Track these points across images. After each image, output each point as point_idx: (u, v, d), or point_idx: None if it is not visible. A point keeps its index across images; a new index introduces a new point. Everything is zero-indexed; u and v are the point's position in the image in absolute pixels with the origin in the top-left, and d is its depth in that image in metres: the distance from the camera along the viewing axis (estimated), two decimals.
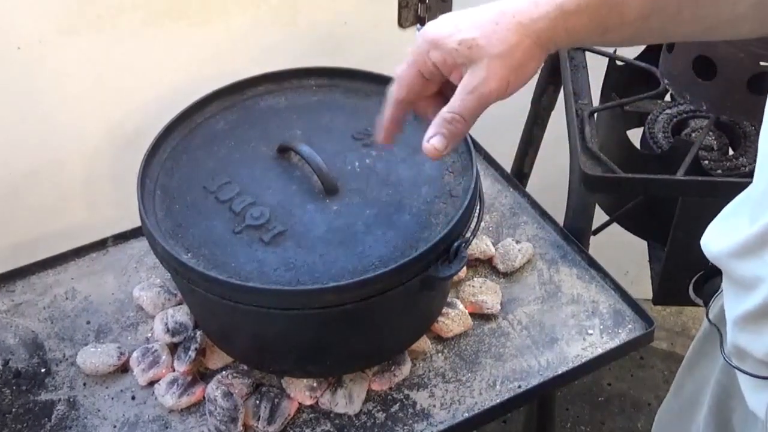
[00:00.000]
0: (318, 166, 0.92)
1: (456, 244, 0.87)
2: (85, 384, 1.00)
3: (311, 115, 1.04)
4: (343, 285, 0.83)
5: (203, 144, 1.01)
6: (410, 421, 0.95)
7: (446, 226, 0.88)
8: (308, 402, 0.97)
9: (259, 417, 0.94)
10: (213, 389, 0.95)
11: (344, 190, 0.93)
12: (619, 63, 1.29)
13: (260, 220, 0.90)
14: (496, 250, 1.12)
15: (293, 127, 1.02)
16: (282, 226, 0.90)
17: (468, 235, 0.90)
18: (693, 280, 1.15)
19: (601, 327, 1.04)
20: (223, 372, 0.98)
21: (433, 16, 1.48)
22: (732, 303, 0.71)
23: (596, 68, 1.27)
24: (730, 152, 1.21)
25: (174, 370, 0.99)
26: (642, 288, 1.28)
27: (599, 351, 1.01)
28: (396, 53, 1.52)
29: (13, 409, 0.97)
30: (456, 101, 0.71)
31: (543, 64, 1.45)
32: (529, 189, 1.25)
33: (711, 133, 1.20)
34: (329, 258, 0.86)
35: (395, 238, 0.88)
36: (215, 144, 1.01)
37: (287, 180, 0.95)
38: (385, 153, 0.98)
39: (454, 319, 1.02)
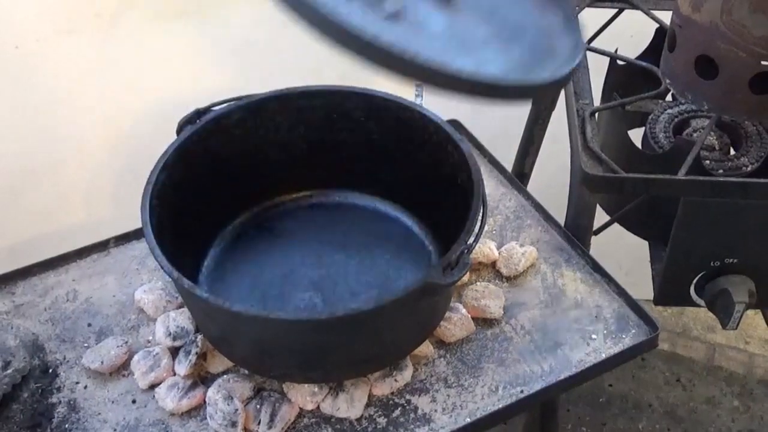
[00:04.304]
0: None
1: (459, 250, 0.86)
2: (86, 387, 1.00)
3: None
4: None
5: None
6: (412, 426, 0.95)
7: None
8: (309, 406, 0.96)
9: (260, 421, 0.94)
10: (214, 393, 0.95)
11: None
12: (620, 63, 1.28)
13: None
14: (499, 253, 1.12)
15: None
16: None
17: (471, 241, 0.89)
18: (695, 281, 1.14)
19: (605, 332, 1.03)
20: (224, 376, 0.98)
21: None
22: None
23: (597, 68, 1.26)
24: (732, 152, 1.21)
25: (175, 374, 0.99)
26: (643, 289, 1.27)
27: (602, 356, 1.01)
28: None
29: (13, 412, 0.97)
30: None
31: None
32: (529, 189, 1.24)
33: (712, 133, 1.19)
34: None
35: None
36: None
37: None
38: None
39: (456, 324, 1.02)
